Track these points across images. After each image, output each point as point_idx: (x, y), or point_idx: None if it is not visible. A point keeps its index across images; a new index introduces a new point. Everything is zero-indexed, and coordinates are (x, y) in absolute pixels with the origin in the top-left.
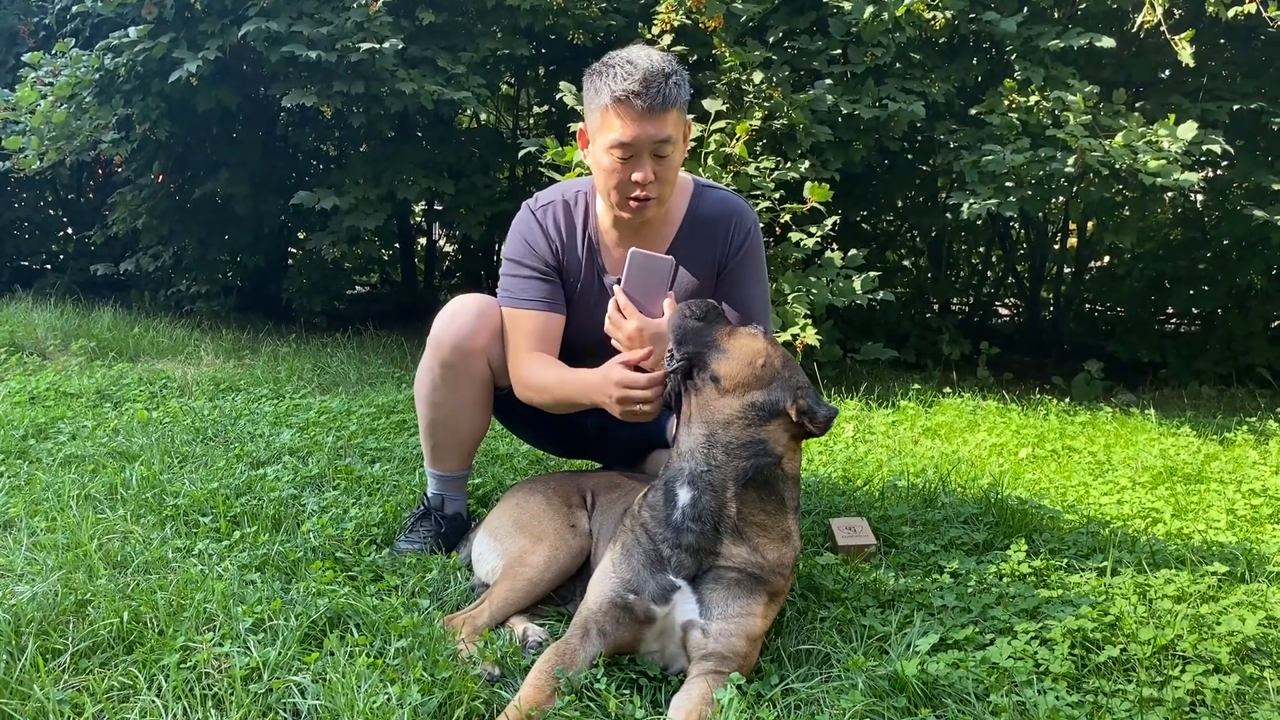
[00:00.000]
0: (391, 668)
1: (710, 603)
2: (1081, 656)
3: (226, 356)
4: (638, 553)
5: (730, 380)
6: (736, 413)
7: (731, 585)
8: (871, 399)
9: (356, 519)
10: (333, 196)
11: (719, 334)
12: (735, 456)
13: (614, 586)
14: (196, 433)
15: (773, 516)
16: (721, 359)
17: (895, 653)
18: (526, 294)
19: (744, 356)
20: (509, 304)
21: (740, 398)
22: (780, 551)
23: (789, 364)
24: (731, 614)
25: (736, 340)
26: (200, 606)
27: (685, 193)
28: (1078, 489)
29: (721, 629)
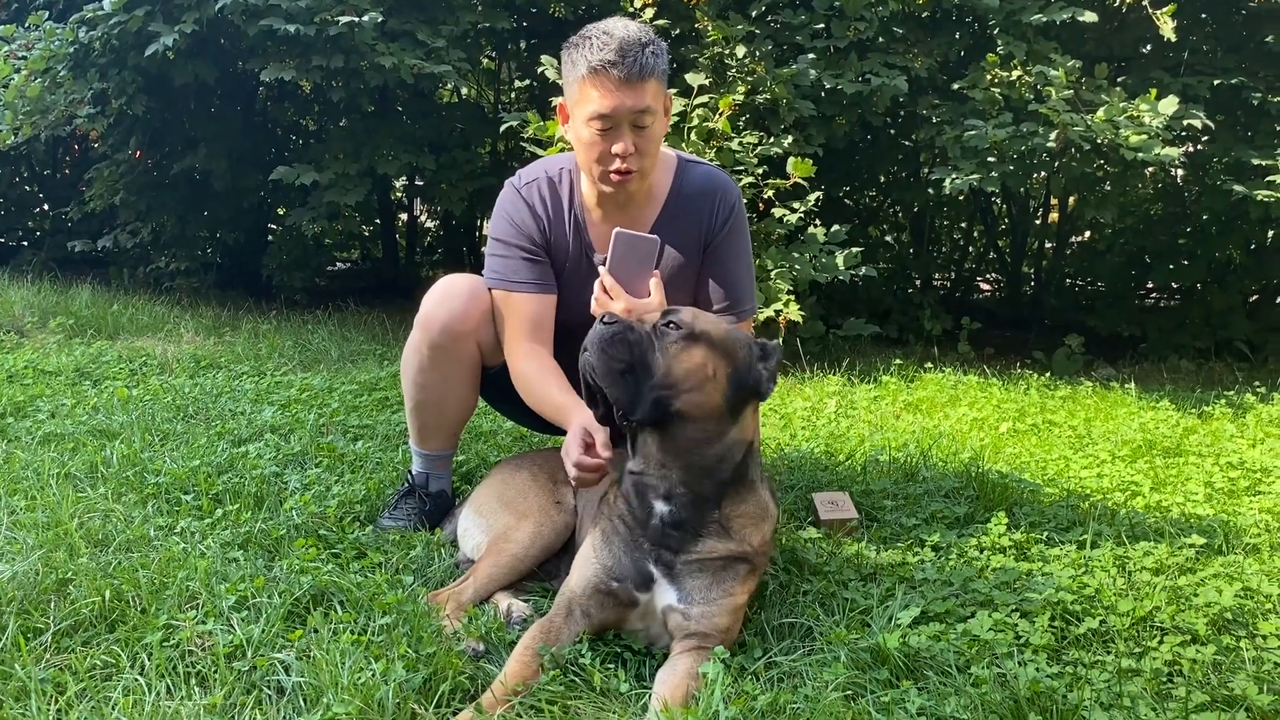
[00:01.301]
0: (376, 644)
1: (691, 589)
2: (1061, 628)
3: (207, 333)
4: (617, 541)
5: (698, 409)
6: (711, 432)
7: (714, 571)
8: (854, 374)
9: (339, 496)
10: (312, 172)
11: (665, 367)
12: (714, 471)
13: (596, 572)
14: (177, 410)
15: (751, 501)
16: (682, 397)
17: (877, 625)
18: (518, 276)
19: (700, 377)
20: (499, 286)
21: (711, 417)
22: (762, 530)
23: (737, 343)
24: (713, 597)
25: (684, 364)
26: (183, 585)
27: (669, 168)
28: (1058, 463)
29: (703, 611)
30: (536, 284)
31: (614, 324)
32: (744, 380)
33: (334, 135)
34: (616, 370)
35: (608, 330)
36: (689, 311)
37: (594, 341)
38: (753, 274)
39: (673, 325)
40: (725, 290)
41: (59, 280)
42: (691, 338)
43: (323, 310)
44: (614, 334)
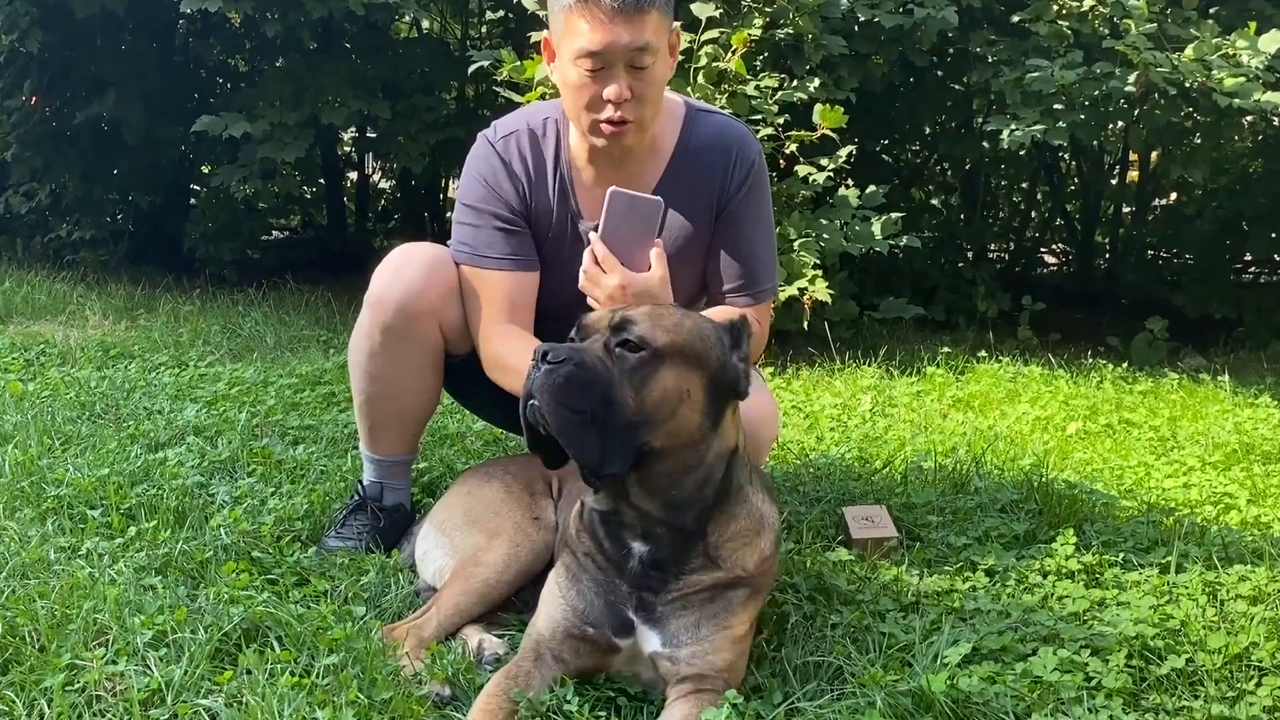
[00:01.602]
0: (321, 688)
1: (676, 630)
2: (1140, 668)
3: (117, 316)
4: (586, 580)
5: (676, 439)
6: (691, 460)
7: (702, 605)
8: (893, 365)
9: (276, 511)
10: (243, 122)
11: (634, 402)
12: (697, 500)
13: (565, 614)
14: (82, 409)
15: (742, 515)
16: (657, 432)
17: (920, 665)
18: (491, 250)
19: (674, 402)
20: (470, 262)
21: (691, 444)
22: (758, 547)
23: (706, 341)
24: (704, 634)
25: (654, 393)
26: (89, 617)
27: (675, 118)
28: (1136, 471)
29: (694, 651)
30: (514, 259)
31: (560, 363)
32: (720, 383)
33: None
34: (577, 424)
35: (558, 374)
36: (642, 313)
37: (543, 390)
38: (774, 246)
39: (629, 345)
40: (741, 265)
41: None
42: (657, 356)
43: (256, 288)
44: (568, 378)
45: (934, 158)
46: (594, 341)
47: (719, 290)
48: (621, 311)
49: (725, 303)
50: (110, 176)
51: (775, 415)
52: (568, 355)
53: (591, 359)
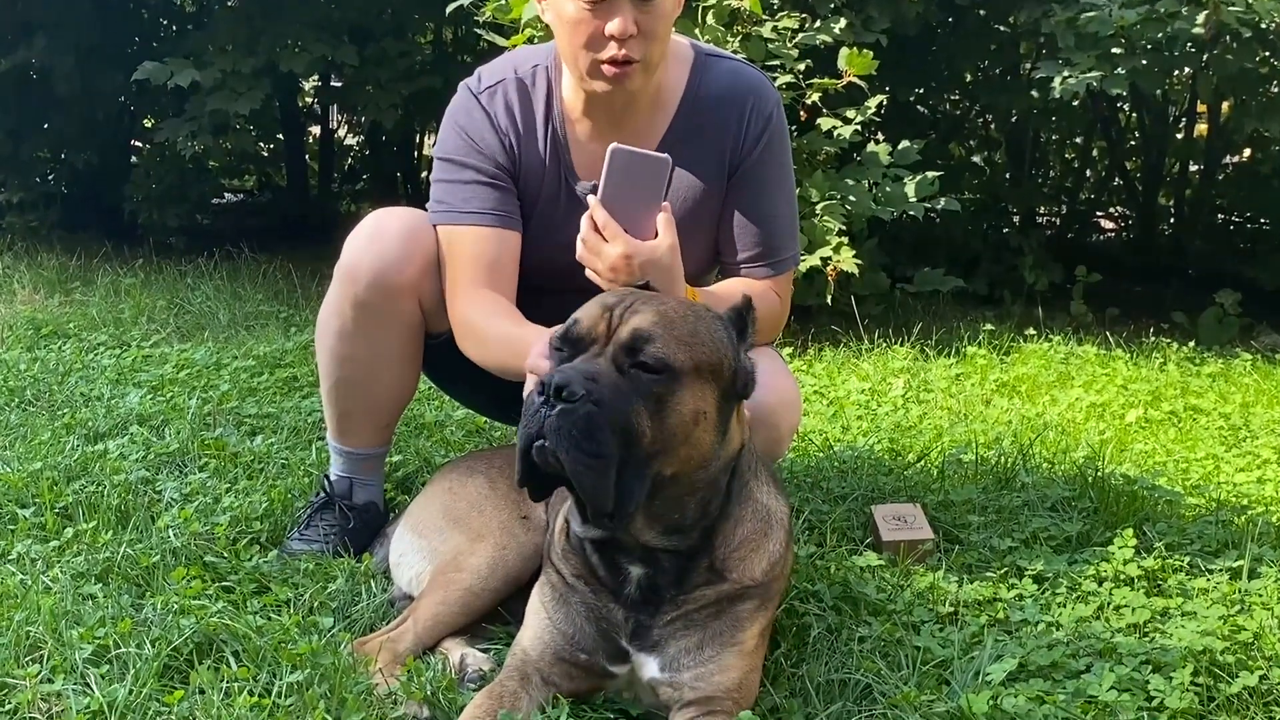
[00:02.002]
0: (283, 709)
1: (675, 654)
2: (1208, 686)
3: (49, 290)
4: (576, 603)
5: (690, 464)
6: (700, 479)
7: (706, 622)
8: (928, 344)
9: (232, 510)
10: (190, 70)
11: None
12: (703, 516)
13: (554, 638)
14: (10, 395)
15: (749, 518)
16: (673, 458)
17: (959, 683)
18: (469, 205)
19: (692, 425)
20: (445, 220)
21: (703, 464)
22: (766, 550)
23: (719, 345)
24: (708, 655)
25: (673, 418)
26: (20, 630)
27: (682, 64)
28: (1205, 464)
29: (698, 674)
30: (494, 214)
31: (575, 401)
32: (731, 391)
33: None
34: (596, 468)
35: (576, 416)
36: (655, 324)
37: (559, 434)
38: (795, 209)
39: (645, 366)
40: (758, 231)
41: None
42: (675, 377)
43: (207, 258)
44: (588, 420)
45: (975, 109)
46: (599, 358)
47: (733, 260)
48: (630, 319)
49: (740, 274)
50: (40, 132)
51: (797, 401)
52: (585, 392)
53: (610, 393)
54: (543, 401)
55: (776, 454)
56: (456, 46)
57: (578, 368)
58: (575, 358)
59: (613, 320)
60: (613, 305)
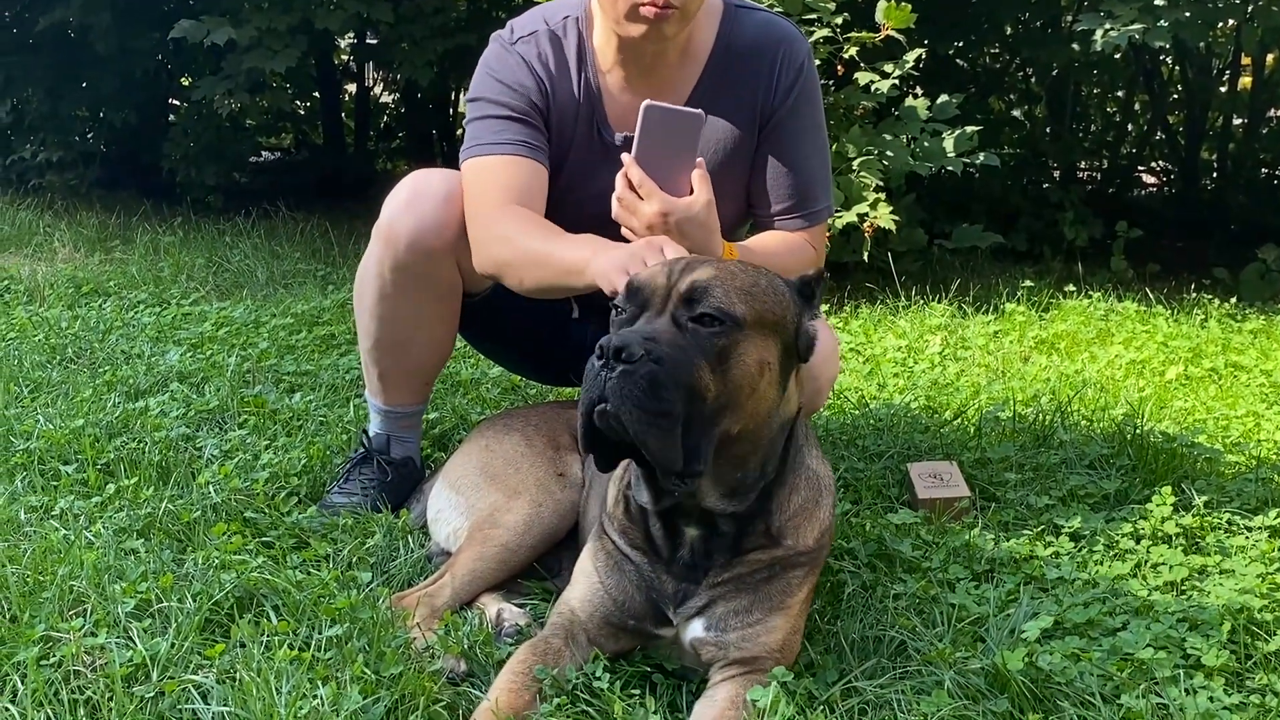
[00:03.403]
0: (322, 663)
1: (723, 615)
2: (1246, 645)
3: (89, 248)
4: (629, 570)
5: (753, 419)
6: (762, 437)
7: (757, 586)
8: (966, 301)
9: (271, 467)
10: (227, 28)
11: (717, 387)
12: (761, 476)
13: (604, 603)
14: (52, 352)
15: (804, 486)
16: (739, 414)
17: (994, 640)
18: (500, 136)
19: (755, 379)
20: (475, 153)
21: (765, 420)
22: (819, 520)
23: (782, 301)
24: (755, 618)
25: (737, 372)
26: (65, 584)
27: (713, 14)
28: (1245, 421)
29: (743, 635)
30: (526, 144)
31: (636, 361)
32: (792, 349)
33: None
34: (662, 427)
35: (638, 376)
36: (714, 277)
37: (621, 395)
38: (828, 161)
39: (708, 318)
40: (792, 182)
41: None
42: (737, 327)
43: (245, 217)
44: (651, 379)
45: (1016, 62)
46: (660, 318)
47: (766, 212)
48: (688, 275)
49: (775, 226)
50: (79, 90)
51: (835, 351)
52: (644, 351)
53: (671, 349)
54: (602, 365)
55: (816, 405)
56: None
57: (636, 329)
58: (636, 319)
59: (672, 278)
60: (671, 265)
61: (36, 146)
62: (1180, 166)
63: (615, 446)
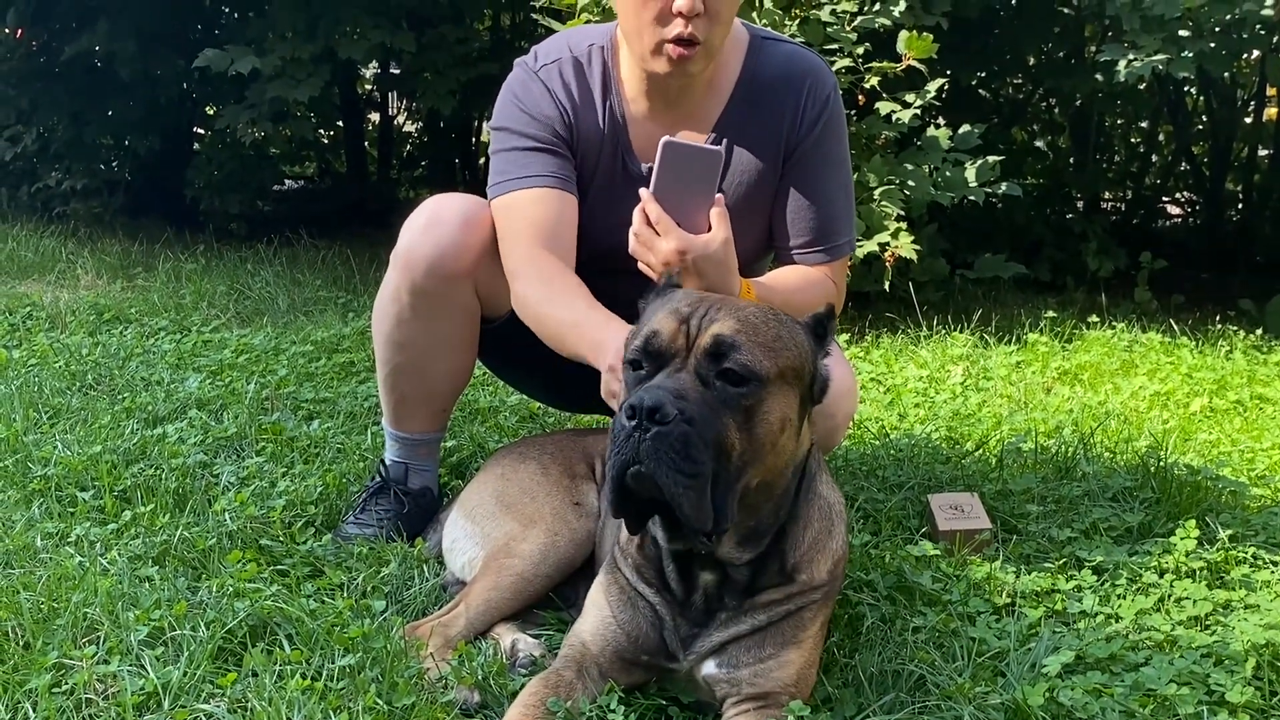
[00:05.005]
0: (334, 693)
1: (734, 652)
2: (1271, 681)
3: (112, 276)
4: (643, 606)
5: (773, 471)
6: (779, 484)
7: (769, 623)
8: (988, 331)
9: (287, 494)
10: (251, 57)
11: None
12: (775, 518)
13: (616, 637)
14: (72, 379)
15: (816, 518)
16: (760, 467)
17: (1015, 675)
18: (528, 170)
19: (778, 432)
20: (501, 190)
21: (785, 469)
22: (832, 551)
23: (800, 350)
24: (767, 654)
25: (762, 429)
26: (79, 611)
27: (739, 47)
28: (1270, 454)
29: (756, 671)
30: (554, 177)
31: (670, 422)
32: (808, 395)
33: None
34: (694, 487)
35: (671, 438)
36: (738, 331)
37: (656, 458)
38: (851, 194)
39: (734, 375)
40: (814, 216)
41: None
42: (762, 385)
43: (266, 244)
44: (684, 440)
45: (1038, 93)
46: (681, 372)
47: (787, 246)
48: (710, 326)
49: (795, 260)
50: (104, 118)
51: (853, 389)
52: (677, 412)
53: (700, 409)
54: (635, 426)
55: (833, 443)
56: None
57: (665, 386)
58: (656, 373)
59: (691, 330)
60: (688, 314)
61: (61, 174)
62: (1205, 197)
63: (645, 504)
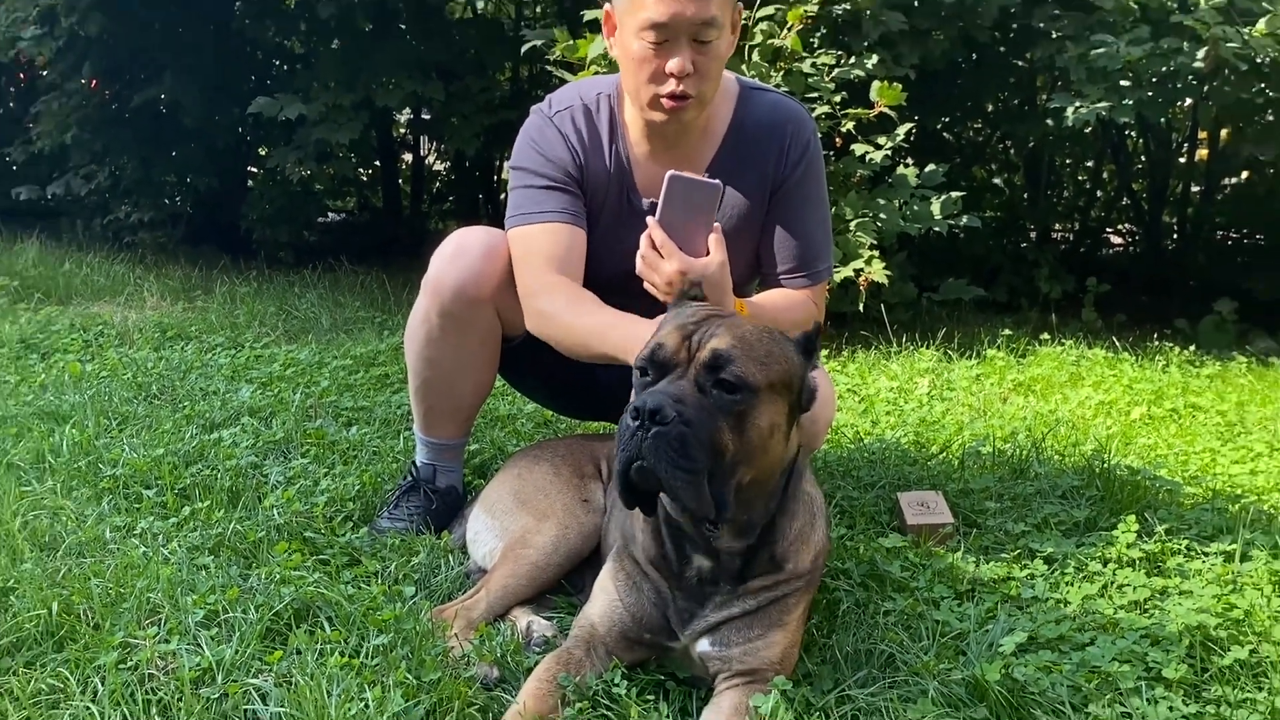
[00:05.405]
0: (369, 669)
1: (726, 632)
2: (1202, 659)
3: (174, 298)
4: (647, 588)
5: (764, 471)
6: (770, 483)
7: (758, 607)
8: (951, 348)
9: (329, 492)
10: (299, 104)
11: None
12: (765, 513)
13: (622, 618)
14: (139, 389)
15: (802, 512)
16: (752, 466)
17: (974, 654)
18: (543, 206)
19: (768, 436)
20: (518, 222)
21: (775, 470)
22: (814, 543)
23: (790, 363)
24: (755, 634)
25: (753, 433)
26: (142, 596)
27: (729, 97)
28: (1202, 456)
29: (745, 650)
30: (566, 213)
31: (669, 423)
32: (798, 405)
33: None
34: (691, 481)
35: (670, 436)
36: (733, 346)
37: (657, 454)
38: (829, 226)
39: (727, 385)
40: (796, 246)
41: (2, 234)
42: (753, 394)
43: (312, 270)
44: (681, 439)
45: (996, 136)
46: (682, 380)
47: (773, 271)
48: (709, 341)
49: (780, 284)
50: (168, 159)
51: (832, 398)
52: (676, 414)
53: (697, 412)
54: (638, 426)
55: (814, 445)
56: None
57: (666, 391)
58: (660, 380)
59: (692, 344)
60: (692, 330)
61: (130, 208)
62: (1144, 229)
63: (648, 493)
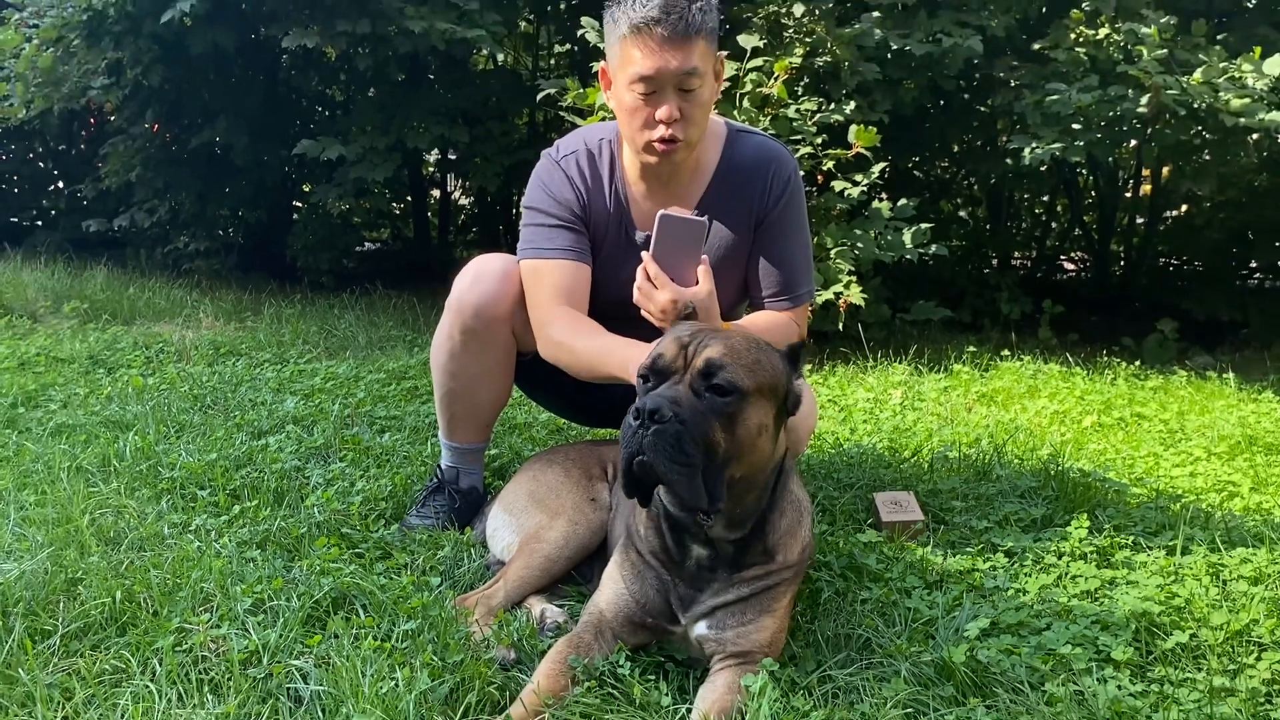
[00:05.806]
0: (399, 651)
1: (721, 616)
2: (1147, 643)
3: (227, 318)
4: (651, 576)
5: (752, 468)
6: (759, 481)
7: (752, 594)
8: (922, 363)
9: (364, 492)
10: (338, 146)
11: (726, 445)
12: (756, 508)
13: (628, 604)
14: (194, 400)
15: (789, 510)
16: (741, 464)
17: (942, 638)
18: (552, 243)
19: (756, 437)
20: (532, 255)
21: (763, 468)
22: (801, 537)
23: (777, 371)
24: (748, 619)
25: (742, 433)
26: (197, 586)
27: (718, 138)
28: (1147, 460)
29: (738, 633)
30: (573, 251)
31: (666, 422)
32: (784, 409)
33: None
34: (686, 474)
35: (667, 434)
36: (724, 354)
37: (655, 449)
38: (810, 254)
39: (719, 389)
40: (779, 272)
41: (73, 262)
42: (742, 397)
43: (350, 294)
44: (678, 436)
45: (961, 173)
46: (679, 385)
47: (759, 295)
48: (703, 351)
49: (766, 308)
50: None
51: (814, 408)
52: (673, 414)
53: (692, 412)
54: (639, 425)
55: (799, 450)
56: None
57: (664, 394)
58: (659, 385)
59: (688, 353)
60: (687, 341)
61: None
62: (1094, 256)
63: (648, 486)
